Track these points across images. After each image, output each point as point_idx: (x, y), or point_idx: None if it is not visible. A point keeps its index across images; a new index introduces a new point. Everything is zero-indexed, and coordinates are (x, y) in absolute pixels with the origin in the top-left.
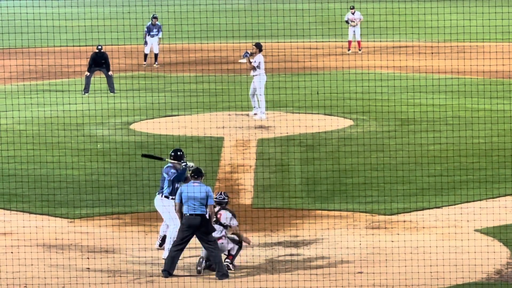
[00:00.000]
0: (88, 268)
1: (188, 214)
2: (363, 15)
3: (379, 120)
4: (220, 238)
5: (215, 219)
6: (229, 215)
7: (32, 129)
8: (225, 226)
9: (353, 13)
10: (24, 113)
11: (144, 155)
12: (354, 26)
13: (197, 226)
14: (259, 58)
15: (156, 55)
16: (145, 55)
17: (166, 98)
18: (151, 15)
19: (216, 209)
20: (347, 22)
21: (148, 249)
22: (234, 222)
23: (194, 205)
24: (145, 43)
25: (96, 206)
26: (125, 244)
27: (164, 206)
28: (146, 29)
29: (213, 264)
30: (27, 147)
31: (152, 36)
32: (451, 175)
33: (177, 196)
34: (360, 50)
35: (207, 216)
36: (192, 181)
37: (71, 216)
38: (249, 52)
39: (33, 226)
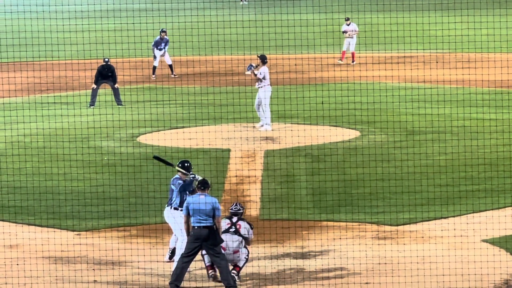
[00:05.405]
0: (95, 281)
1: (196, 227)
2: (361, 25)
3: (385, 131)
4: (237, 250)
5: (234, 229)
6: (248, 226)
7: (38, 141)
8: (245, 238)
9: (348, 25)
10: (30, 126)
11: (155, 157)
12: (350, 37)
13: (204, 238)
14: (263, 70)
15: (170, 66)
16: (154, 68)
17: (172, 110)
18: (160, 29)
19: (234, 219)
20: (344, 32)
21: (155, 261)
22: (251, 235)
23: (200, 217)
24: (154, 57)
25: (102, 218)
26: (131, 256)
27: (174, 217)
28: (153, 43)
29: (221, 274)
30: (32, 159)
31: (160, 49)
32: (457, 184)
33: (184, 208)
34: (353, 62)
35: (214, 227)
36: (198, 193)
37: (77, 229)
38: (253, 65)
39: (40, 238)
